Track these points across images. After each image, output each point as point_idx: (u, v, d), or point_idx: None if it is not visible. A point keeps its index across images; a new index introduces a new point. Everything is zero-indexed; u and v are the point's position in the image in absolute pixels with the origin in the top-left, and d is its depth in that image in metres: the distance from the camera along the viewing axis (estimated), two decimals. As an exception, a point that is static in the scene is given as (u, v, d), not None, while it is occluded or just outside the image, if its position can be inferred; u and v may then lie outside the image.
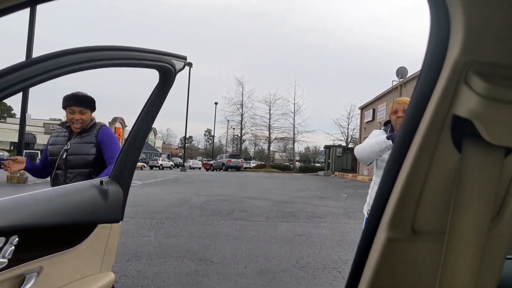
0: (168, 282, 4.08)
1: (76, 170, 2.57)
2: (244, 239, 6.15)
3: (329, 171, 35.92)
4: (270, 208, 10.03)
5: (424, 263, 0.66)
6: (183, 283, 4.09)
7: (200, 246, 5.62)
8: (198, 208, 9.50)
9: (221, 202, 10.86)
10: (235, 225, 7.39)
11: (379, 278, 0.66)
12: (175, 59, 1.78)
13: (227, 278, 4.27)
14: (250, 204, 10.74)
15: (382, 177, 0.67)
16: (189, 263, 4.79)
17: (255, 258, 5.09)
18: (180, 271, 4.44)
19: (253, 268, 4.67)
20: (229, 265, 4.76)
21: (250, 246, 5.73)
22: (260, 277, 4.35)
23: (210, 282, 4.12)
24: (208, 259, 4.95)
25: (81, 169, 2.58)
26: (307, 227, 7.47)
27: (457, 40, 0.57)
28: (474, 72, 0.56)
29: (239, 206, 10.19)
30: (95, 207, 1.77)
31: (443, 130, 0.60)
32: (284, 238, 6.40)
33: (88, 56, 1.42)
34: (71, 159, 2.57)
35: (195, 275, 4.35)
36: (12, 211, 1.49)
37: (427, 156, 0.61)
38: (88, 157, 2.58)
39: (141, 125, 1.89)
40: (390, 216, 0.64)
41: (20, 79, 1.21)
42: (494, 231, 0.65)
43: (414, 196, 0.63)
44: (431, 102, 0.60)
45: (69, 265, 1.67)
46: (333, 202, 11.93)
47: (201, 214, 8.52)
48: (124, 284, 4.09)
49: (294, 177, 29.14)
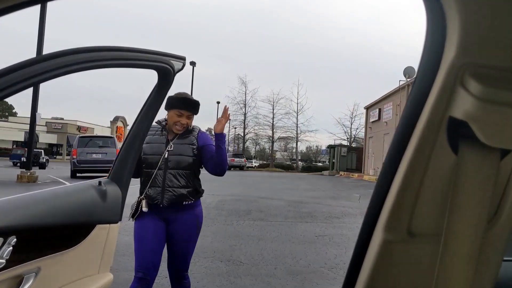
0: (203, 283, 4.11)
1: (175, 170, 2.57)
2: (267, 240, 6.18)
3: (334, 171, 35.94)
4: (286, 208, 10.08)
5: (420, 265, 0.66)
6: (217, 283, 4.12)
7: (225, 246, 5.66)
8: (214, 208, 9.53)
9: (236, 202, 10.87)
10: (255, 225, 7.43)
11: (375, 280, 0.66)
12: (174, 60, 1.77)
13: (260, 279, 4.30)
14: (265, 204, 10.77)
15: (378, 179, 0.67)
16: (218, 263, 4.82)
17: (283, 259, 5.11)
18: (212, 272, 4.47)
19: (283, 269, 4.69)
20: (258, 265, 4.79)
21: (275, 246, 5.76)
22: (291, 277, 4.38)
23: (244, 283, 4.15)
24: (236, 260, 4.98)
25: (180, 170, 2.58)
26: (326, 227, 7.49)
27: (453, 42, 0.57)
28: (470, 75, 0.57)
29: (255, 206, 10.20)
30: (94, 208, 1.76)
31: (439, 132, 0.60)
32: (306, 239, 6.42)
33: (86, 56, 1.42)
34: (173, 159, 2.57)
35: (227, 275, 4.38)
36: (10, 211, 1.48)
37: (423, 158, 0.62)
38: (189, 159, 2.58)
39: (140, 126, 1.89)
40: (386, 218, 0.64)
41: (18, 79, 1.21)
42: (490, 233, 0.65)
43: (411, 198, 0.63)
44: (428, 104, 0.60)
45: (67, 266, 1.66)
46: (347, 202, 11.96)
47: (219, 214, 8.55)
48: (160, 284, 4.13)
49: (300, 177, 29.25)
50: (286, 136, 48.17)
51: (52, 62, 1.32)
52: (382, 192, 0.66)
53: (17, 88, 1.21)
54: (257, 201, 11.34)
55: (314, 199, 12.60)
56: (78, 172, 17.45)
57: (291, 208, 10.11)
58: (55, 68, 1.32)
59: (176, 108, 2.59)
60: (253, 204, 10.65)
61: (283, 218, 8.38)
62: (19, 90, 1.23)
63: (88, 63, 1.43)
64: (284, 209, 9.79)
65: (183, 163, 2.56)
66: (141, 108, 1.91)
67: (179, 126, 2.59)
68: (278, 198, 12.57)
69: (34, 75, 1.25)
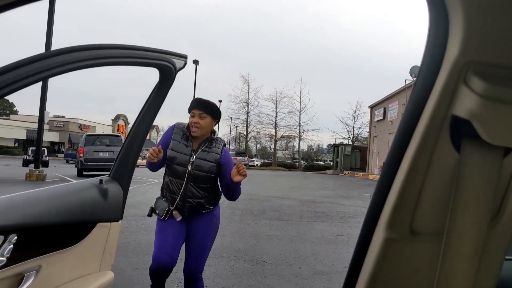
0: (230, 283, 4.10)
1: (196, 184, 2.61)
2: (286, 239, 6.16)
3: (338, 170, 35.90)
4: (300, 207, 10.09)
5: (422, 263, 0.66)
6: (245, 283, 4.12)
7: (246, 246, 5.64)
8: (227, 207, 9.47)
9: (248, 201, 10.82)
10: (271, 225, 7.40)
11: (377, 278, 0.66)
12: (176, 58, 1.76)
13: (286, 279, 4.28)
14: (278, 203, 10.76)
15: (380, 177, 0.67)
16: (242, 263, 4.80)
17: (306, 259, 5.10)
18: (238, 272, 4.46)
19: (308, 269, 4.67)
20: (282, 265, 4.77)
21: (296, 246, 5.74)
22: (318, 277, 4.37)
23: (271, 283, 4.14)
24: (260, 260, 4.97)
25: (201, 185, 2.62)
26: (344, 227, 7.47)
27: (456, 40, 0.56)
28: (473, 73, 0.56)
29: (268, 205, 10.20)
30: (95, 206, 1.76)
31: (441, 130, 0.60)
32: (325, 239, 6.40)
33: (87, 54, 1.42)
34: (195, 174, 2.60)
35: (254, 275, 4.38)
36: (11, 209, 1.48)
37: (426, 156, 0.61)
38: (210, 175, 2.63)
39: (141, 124, 1.89)
40: (388, 216, 0.64)
41: (18, 78, 1.20)
42: (492, 231, 0.65)
43: (413, 197, 0.63)
44: (430, 102, 0.60)
45: (68, 264, 1.66)
46: (359, 201, 11.98)
47: (234, 214, 8.53)
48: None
49: (305, 176, 29.24)
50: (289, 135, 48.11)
51: (53, 60, 1.31)
52: (384, 190, 0.65)
53: (17, 86, 1.21)
54: (269, 200, 11.33)
55: (326, 198, 12.60)
56: (85, 171, 17.44)
57: (305, 207, 10.11)
58: (56, 66, 1.32)
59: (190, 110, 2.66)
60: (266, 203, 10.65)
61: (298, 218, 8.38)
62: (19, 89, 1.22)
63: (89, 61, 1.43)
64: (298, 209, 9.80)
65: (205, 179, 2.62)
66: (142, 106, 1.91)
67: (193, 127, 2.62)
68: (289, 197, 12.57)
69: (34, 73, 1.25)
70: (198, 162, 2.60)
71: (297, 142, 49.61)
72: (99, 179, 1.82)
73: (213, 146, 2.67)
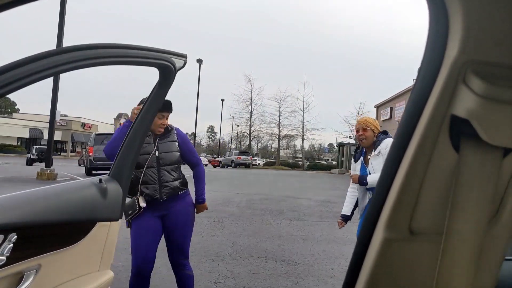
0: (268, 283, 4.09)
1: (168, 166, 2.78)
2: (312, 240, 6.17)
3: (343, 169, 35.83)
4: (317, 207, 10.05)
5: (421, 264, 0.66)
6: (281, 284, 4.10)
7: (273, 246, 5.63)
8: (245, 207, 9.52)
9: (264, 201, 10.87)
10: (293, 225, 7.40)
11: (376, 278, 0.66)
12: (175, 57, 1.77)
13: (322, 280, 4.27)
14: (294, 203, 10.75)
15: (380, 177, 0.66)
16: (274, 263, 4.79)
17: (336, 260, 5.07)
18: (272, 272, 4.45)
19: (340, 270, 4.65)
20: (314, 266, 4.76)
21: (323, 247, 5.73)
22: (352, 279, 4.35)
23: (308, 284, 4.13)
24: (290, 260, 4.96)
25: (172, 165, 2.81)
26: (365, 228, 7.46)
27: (455, 39, 0.56)
28: (472, 72, 0.56)
29: (285, 205, 10.19)
30: (95, 205, 1.76)
31: (441, 130, 0.60)
32: (351, 239, 6.35)
33: (87, 54, 1.42)
34: (164, 157, 2.78)
35: (288, 275, 4.36)
36: (11, 208, 1.48)
37: (425, 156, 0.61)
38: (176, 154, 2.84)
39: (141, 123, 1.89)
40: (387, 216, 0.64)
41: (18, 77, 1.21)
42: (492, 232, 0.64)
43: (412, 197, 0.63)
44: (429, 102, 0.60)
45: (68, 263, 1.66)
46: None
47: (253, 214, 8.54)
48: (225, 284, 4.11)
49: (311, 175, 29.26)
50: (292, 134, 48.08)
51: (54, 59, 1.31)
52: (383, 190, 0.65)
53: (16, 85, 1.21)
54: (285, 200, 11.34)
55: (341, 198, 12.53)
56: (95, 170, 17.43)
57: (323, 207, 10.08)
58: (57, 65, 1.32)
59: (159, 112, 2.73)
60: (283, 203, 10.65)
61: (318, 218, 8.36)
62: (19, 88, 1.22)
63: (89, 60, 1.43)
64: (316, 209, 9.79)
65: (173, 159, 2.81)
66: (142, 106, 1.91)
67: (161, 128, 2.80)
68: (304, 197, 12.56)
69: (35, 72, 1.25)
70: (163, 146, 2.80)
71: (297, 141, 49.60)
72: (99, 178, 1.83)
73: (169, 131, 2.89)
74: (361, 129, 3.46)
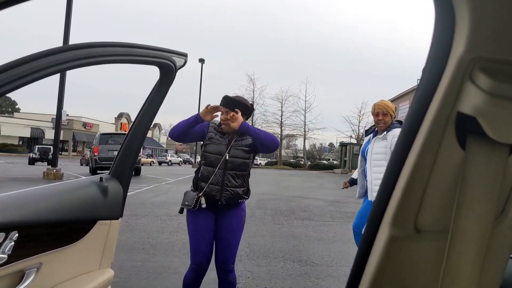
0: (288, 284, 4.09)
1: (233, 172, 2.70)
2: (326, 240, 6.15)
3: (346, 169, 35.84)
4: (328, 208, 10.06)
5: (426, 261, 0.66)
6: (302, 285, 4.09)
7: (289, 247, 5.62)
8: (256, 207, 9.49)
9: (274, 201, 10.86)
10: (305, 225, 7.39)
11: (381, 276, 0.66)
12: (176, 56, 1.77)
13: (341, 280, 4.26)
14: (304, 203, 10.76)
15: (385, 174, 0.66)
16: (292, 264, 4.78)
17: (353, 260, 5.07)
18: (291, 273, 4.44)
19: (358, 270, 4.65)
20: (333, 267, 4.75)
21: (339, 247, 5.72)
22: (372, 279, 4.34)
23: (328, 284, 4.12)
24: (308, 260, 4.95)
25: (238, 172, 2.71)
26: (378, 228, 7.45)
27: (462, 36, 0.56)
28: (479, 69, 0.55)
29: (295, 205, 10.20)
30: (95, 204, 1.76)
31: (447, 128, 0.60)
32: (365, 239, 6.38)
33: (88, 52, 1.42)
34: (233, 161, 2.69)
35: (307, 276, 4.36)
36: (12, 207, 1.49)
37: (431, 153, 0.61)
38: (245, 161, 2.73)
39: (142, 122, 1.89)
40: (392, 214, 0.64)
41: (17, 76, 1.21)
42: (497, 230, 0.64)
43: (417, 194, 0.62)
44: (435, 99, 0.59)
45: (68, 262, 1.67)
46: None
47: (264, 214, 8.53)
48: (246, 284, 4.10)
49: (315, 175, 29.31)
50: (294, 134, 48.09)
51: (54, 58, 1.31)
52: (388, 188, 0.65)
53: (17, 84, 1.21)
54: (294, 200, 11.35)
55: (349, 198, 12.34)
56: (100, 169, 17.45)
57: (333, 208, 10.08)
58: (57, 64, 1.31)
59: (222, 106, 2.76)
60: (292, 203, 10.66)
61: (330, 218, 8.35)
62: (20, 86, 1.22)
63: (88, 59, 1.43)
64: (326, 209, 9.78)
65: (241, 166, 2.72)
66: (142, 105, 1.91)
67: (223, 124, 2.74)
68: (312, 197, 12.58)
69: (35, 71, 1.25)
70: (234, 151, 2.71)
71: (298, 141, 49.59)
72: (99, 176, 1.83)
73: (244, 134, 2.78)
74: (381, 113, 3.47)
